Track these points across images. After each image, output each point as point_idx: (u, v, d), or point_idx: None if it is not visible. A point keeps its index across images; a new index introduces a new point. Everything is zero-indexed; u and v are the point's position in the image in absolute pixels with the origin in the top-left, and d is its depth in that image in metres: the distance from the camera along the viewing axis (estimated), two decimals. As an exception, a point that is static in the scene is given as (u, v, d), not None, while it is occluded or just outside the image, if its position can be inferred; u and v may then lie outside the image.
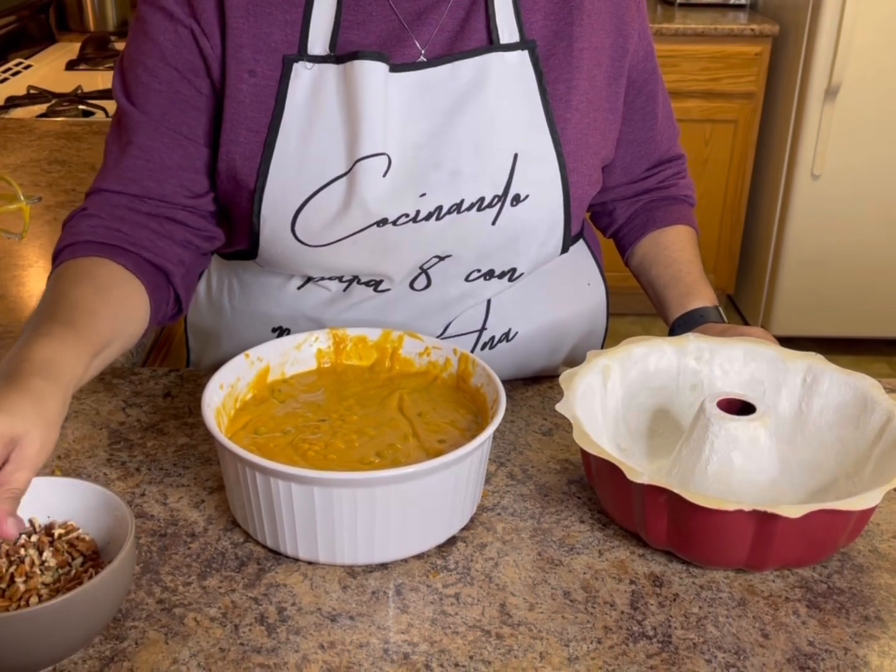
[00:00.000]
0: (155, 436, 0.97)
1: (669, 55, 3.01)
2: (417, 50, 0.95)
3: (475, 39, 0.96)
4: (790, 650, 0.73)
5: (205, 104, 0.96)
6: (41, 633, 0.66)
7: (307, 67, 0.93)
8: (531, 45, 0.96)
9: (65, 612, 0.66)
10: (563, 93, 0.98)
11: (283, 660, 0.70)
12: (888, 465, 0.81)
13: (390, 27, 0.95)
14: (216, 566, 0.80)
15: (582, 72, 0.99)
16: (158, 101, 0.95)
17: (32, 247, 1.43)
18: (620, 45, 1.02)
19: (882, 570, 0.81)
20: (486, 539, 0.84)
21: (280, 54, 0.93)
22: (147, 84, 0.95)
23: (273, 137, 0.94)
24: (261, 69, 0.93)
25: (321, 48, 0.93)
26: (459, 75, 0.94)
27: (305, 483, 0.75)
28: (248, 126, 0.94)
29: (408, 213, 0.95)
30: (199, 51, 0.94)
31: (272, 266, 1.03)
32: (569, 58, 0.98)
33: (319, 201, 0.94)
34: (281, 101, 0.93)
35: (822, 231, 3.15)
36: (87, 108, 2.15)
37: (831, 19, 2.89)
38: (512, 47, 0.96)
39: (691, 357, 0.96)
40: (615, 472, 0.77)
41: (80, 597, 0.66)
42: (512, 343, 1.09)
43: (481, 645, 0.72)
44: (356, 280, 1.02)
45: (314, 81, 0.93)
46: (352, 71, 0.92)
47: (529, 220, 0.98)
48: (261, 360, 0.92)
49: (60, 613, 0.65)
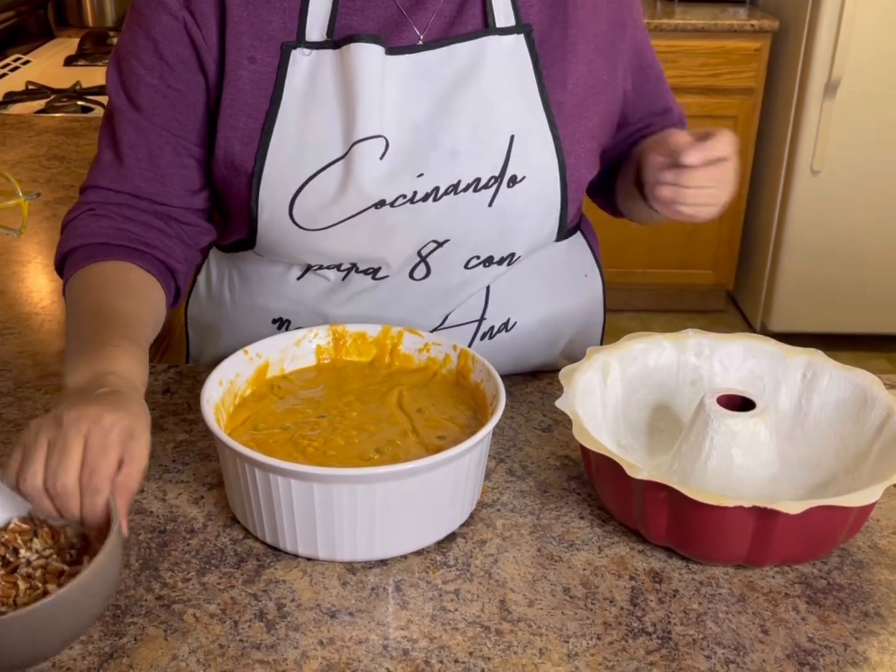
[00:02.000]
0: (154, 432, 0.96)
1: (669, 51, 3.01)
2: (415, 35, 0.96)
3: (472, 23, 0.97)
4: (790, 646, 0.73)
5: (196, 100, 0.97)
6: (34, 631, 0.65)
7: (305, 54, 0.94)
8: (527, 28, 0.97)
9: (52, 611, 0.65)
10: (559, 76, 0.99)
11: (283, 656, 0.70)
12: (888, 461, 0.81)
13: (388, 13, 0.96)
14: (215, 562, 0.80)
15: (578, 55, 1.00)
16: (151, 95, 0.96)
17: (31, 243, 1.42)
18: (618, 29, 1.02)
19: (882, 566, 0.81)
20: (485, 535, 0.84)
21: (279, 41, 0.94)
22: (140, 77, 0.96)
23: (271, 123, 0.94)
24: (260, 56, 0.94)
25: (319, 34, 0.94)
26: (456, 58, 0.95)
27: (305, 479, 0.75)
28: (247, 112, 0.95)
29: (405, 194, 0.95)
30: (192, 43, 0.95)
31: (271, 254, 1.03)
32: (564, 41, 0.99)
33: (317, 185, 0.94)
34: (280, 87, 0.94)
35: (821, 227, 3.15)
36: (85, 103, 2.15)
37: (831, 15, 2.89)
38: (508, 31, 0.97)
39: (691, 353, 0.96)
40: (615, 469, 0.77)
41: (68, 594, 0.65)
42: (511, 334, 1.09)
43: (481, 641, 0.72)
44: (354, 268, 1.02)
45: (312, 67, 0.94)
46: (348, 54, 0.93)
47: (526, 203, 0.98)
48: (260, 356, 0.92)
49: (47, 614, 0.65)
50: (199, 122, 0.98)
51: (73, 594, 0.65)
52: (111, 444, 0.71)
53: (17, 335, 1.15)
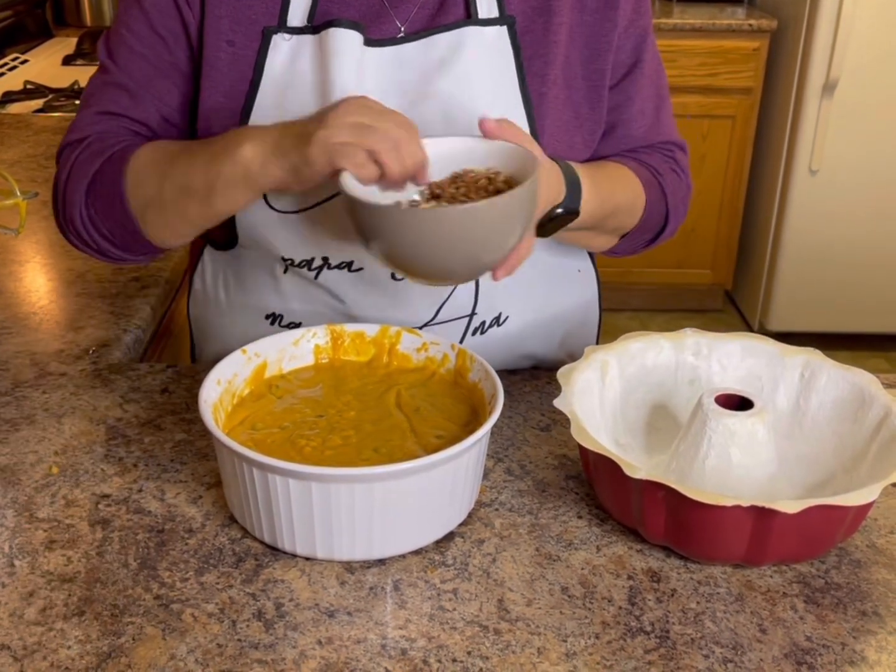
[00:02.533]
0: (152, 431, 0.97)
1: (667, 50, 3.00)
2: (396, 27, 0.96)
3: (454, 14, 0.97)
4: (788, 645, 0.73)
5: (181, 76, 1.00)
6: (496, 221, 0.80)
7: (285, 39, 0.95)
8: (510, 20, 0.97)
9: (489, 213, 0.79)
10: (539, 68, 0.99)
11: (281, 655, 0.70)
12: (886, 461, 0.81)
13: (370, 2, 0.96)
14: (214, 562, 0.80)
15: (559, 46, 0.99)
16: (141, 64, 0.99)
17: (29, 242, 1.42)
18: (608, 20, 1.00)
19: (879, 565, 0.81)
20: (483, 535, 0.84)
21: (260, 26, 0.96)
22: (131, 47, 0.99)
23: (250, 105, 0.96)
24: (239, 40, 0.96)
25: (300, 20, 0.95)
26: (435, 47, 0.96)
27: (303, 479, 0.75)
28: (224, 93, 0.97)
29: None
30: (181, 18, 0.97)
31: (251, 245, 1.04)
32: (546, 33, 0.99)
33: None
34: (259, 71, 0.96)
35: (820, 226, 3.15)
36: (83, 103, 2.15)
37: (829, 14, 2.89)
38: (490, 22, 0.97)
39: (689, 352, 0.96)
40: (613, 468, 0.77)
41: (501, 202, 0.79)
42: (503, 328, 1.09)
43: (479, 640, 0.72)
44: (326, 265, 1.02)
45: (292, 52, 0.95)
46: (327, 39, 0.93)
47: None
48: (258, 355, 0.92)
49: (485, 214, 0.79)
50: (182, 98, 1.00)
51: (521, 194, 0.80)
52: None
53: (14, 335, 1.15)
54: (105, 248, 1.01)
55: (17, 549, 0.80)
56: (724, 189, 3.28)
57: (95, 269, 1.32)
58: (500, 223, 0.81)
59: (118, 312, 1.21)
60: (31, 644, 0.71)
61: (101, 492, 0.88)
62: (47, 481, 0.89)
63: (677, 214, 1.11)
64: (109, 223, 0.98)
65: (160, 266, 1.33)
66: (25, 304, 1.23)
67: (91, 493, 0.87)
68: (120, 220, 0.97)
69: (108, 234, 0.99)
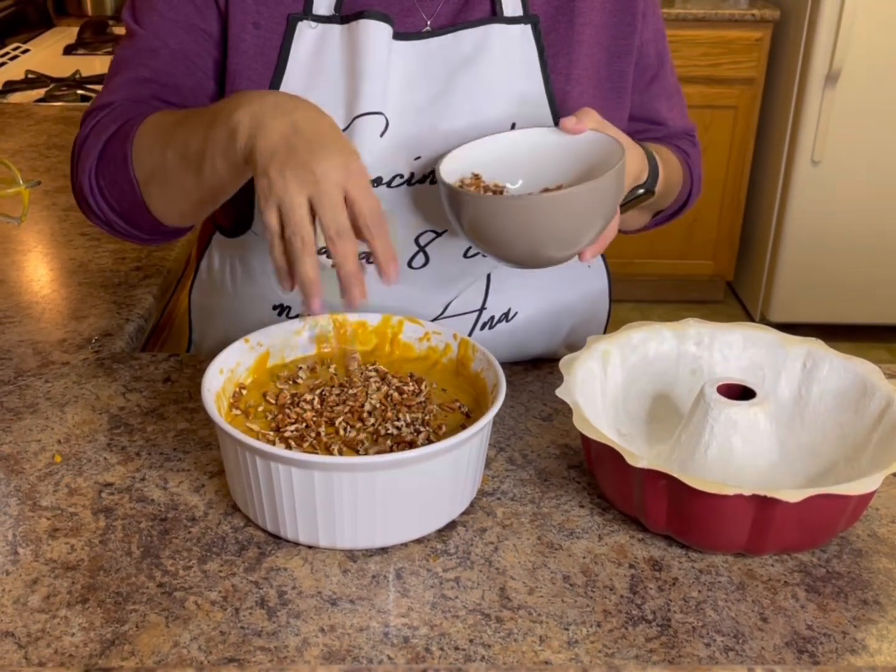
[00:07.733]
0: (155, 420, 0.97)
1: (669, 40, 2.98)
2: (423, 21, 0.96)
3: (479, 11, 0.98)
4: (789, 634, 0.73)
5: (214, 44, 0.97)
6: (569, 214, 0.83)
7: (311, 27, 0.94)
8: (534, 19, 0.98)
9: (591, 195, 0.83)
10: (564, 67, 1.00)
11: (284, 643, 0.71)
12: (887, 450, 0.81)
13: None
14: (216, 550, 0.80)
15: (582, 46, 1.00)
16: (171, 28, 0.96)
17: (31, 231, 1.42)
18: (626, 24, 1.03)
19: (881, 554, 0.82)
20: (486, 523, 0.84)
21: (285, 10, 0.94)
22: (161, 12, 0.96)
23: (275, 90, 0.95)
24: (265, 22, 0.95)
25: (326, 9, 0.95)
26: (461, 44, 0.96)
27: (305, 467, 0.75)
28: (249, 77, 0.96)
29: (402, 175, 0.95)
30: None
31: (263, 233, 1.03)
32: (570, 32, 1.00)
33: None
34: (284, 57, 0.95)
35: (821, 217, 3.15)
36: (85, 92, 2.15)
37: (832, 5, 2.88)
38: (515, 21, 0.97)
39: (691, 342, 0.96)
40: (615, 457, 0.77)
41: (601, 185, 0.83)
42: (511, 324, 1.09)
43: (481, 628, 0.72)
44: None
45: (318, 40, 0.94)
46: (356, 30, 0.93)
47: None
48: (261, 344, 0.92)
49: (586, 197, 0.83)
50: (216, 63, 0.98)
51: (614, 176, 0.83)
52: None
53: (17, 324, 1.15)
54: (112, 219, 0.99)
55: (20, 538, 0.81)
56: (726, 180, 3.28)
57: (98, 258, 1.32)
58: (598, 205, 0.85)
59: (120, 302, 1.21)
60: (35, 631, 0.71)
61: (104, 480, 0.88)
62: (50, 470, 0.89)
63: (697, 193, 1.18)
64: (116, 193, 0.96)
65: (162, 256, 1.33)
66: (28, 294, 1.23)
67: (94, 482, 0.88)
68: (126, 190, 0.94)
69: (116, 205, 0.97)
